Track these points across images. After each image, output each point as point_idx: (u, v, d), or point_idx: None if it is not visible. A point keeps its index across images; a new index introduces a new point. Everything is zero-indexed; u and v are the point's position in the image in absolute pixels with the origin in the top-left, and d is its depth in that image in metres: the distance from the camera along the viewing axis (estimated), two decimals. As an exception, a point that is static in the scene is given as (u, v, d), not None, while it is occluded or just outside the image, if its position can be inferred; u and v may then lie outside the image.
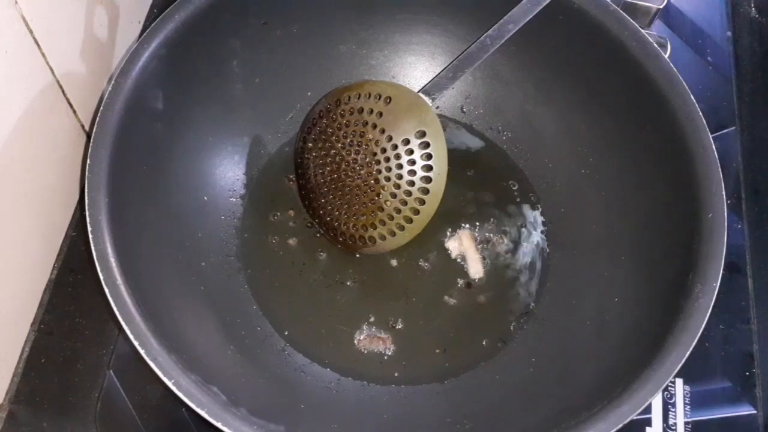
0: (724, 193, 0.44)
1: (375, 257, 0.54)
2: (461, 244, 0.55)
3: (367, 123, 0.50)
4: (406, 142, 0.49)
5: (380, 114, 0.49)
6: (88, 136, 0.54)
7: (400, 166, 0.49)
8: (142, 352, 0.38)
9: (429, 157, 0.49)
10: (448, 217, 0.55)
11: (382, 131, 0.49)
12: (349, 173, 0.51)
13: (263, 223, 0.55)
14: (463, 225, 0.56)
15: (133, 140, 0.45)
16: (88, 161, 0.42)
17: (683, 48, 0.66)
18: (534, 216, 0.56)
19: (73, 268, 0.54)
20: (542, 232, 0.56)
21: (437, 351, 0.51)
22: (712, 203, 0.44)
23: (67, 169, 0.53)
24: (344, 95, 0.51)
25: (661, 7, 0.62)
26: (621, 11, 0.49)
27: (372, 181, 0.50)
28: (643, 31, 0.49)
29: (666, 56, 0.48)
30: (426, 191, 0.50)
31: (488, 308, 0.53)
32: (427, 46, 0.58)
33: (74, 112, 0.52)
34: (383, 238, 0.51)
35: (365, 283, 0.54)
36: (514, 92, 0.57)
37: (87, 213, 0.41)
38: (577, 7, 0.50)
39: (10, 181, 0.45)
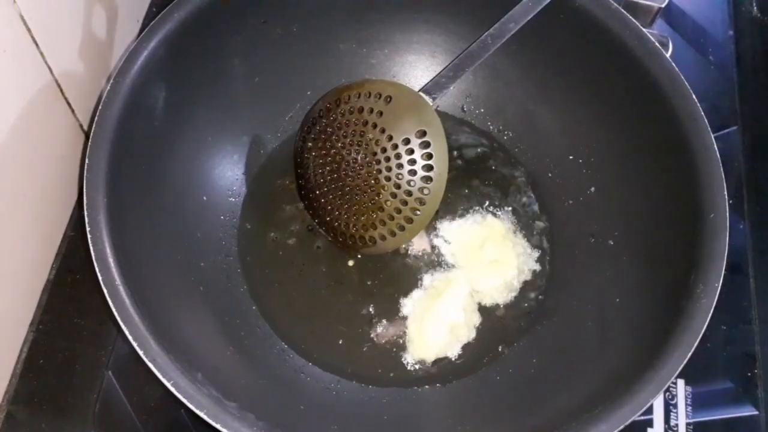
0: (725, 193, 0.44)
1: (375, 257, 0.54)
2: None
3: (367, 122, 0.49)
4: (407, 141, 0.49)
5: (380, 113, 0.49)
6: (87, 136, 0.54)
7: (400, 166, 0.49)
8: (140, 352, 0.38)
9: (429, 156, 0.49)
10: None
11: (383, 131, 0.49)
12: (349, 173, 0.51)
13: (263, 223, 0.55)
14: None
15: (132, 140, 0.45)
16: (87, 161, 0.42)
17: (685, 47, 0.66)
18: (535, 216, 0.56)
19: (72, 268, 0.53)
20: (543, 232, 0.55)
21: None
22: (713, 203, 0.44)
23: (66, 168, 0.53)
24: (344, 94, 0.51)
25: (663, 6, 0.61)
26: (622, 10, 0.49)
27: (372, 181, 0.50)
28: (644, 30, 0.49)
29: (668, 55, 0.48)
30: (426, 191, 0.49)
31: (489, 309, 0.53)
32: (428, 45, 0.58)
33: (72, 111, 0.52)
34: (383, 238, 0.51)
35: (365, 283, 0.53)
36: (515, 91, 0.57)
37: (85, 213, 0.41)
38: (578, 6, 0.50)
39: (8, 181, 0.45)
